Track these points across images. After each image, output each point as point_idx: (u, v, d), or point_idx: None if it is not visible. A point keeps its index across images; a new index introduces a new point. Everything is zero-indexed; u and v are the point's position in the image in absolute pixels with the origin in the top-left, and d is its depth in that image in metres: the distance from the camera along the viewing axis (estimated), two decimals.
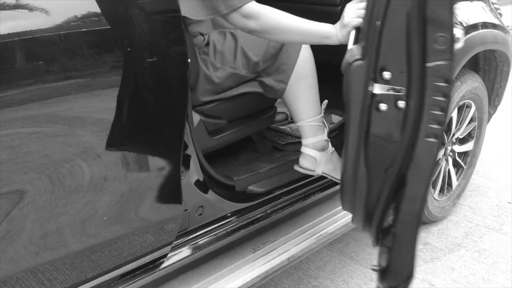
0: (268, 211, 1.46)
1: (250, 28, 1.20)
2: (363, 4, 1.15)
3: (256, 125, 1.58)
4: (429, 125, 0.96)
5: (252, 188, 1.45)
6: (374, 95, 0.99)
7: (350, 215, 1.23)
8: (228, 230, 1.36)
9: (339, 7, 1.60)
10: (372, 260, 1.86)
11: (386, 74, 0.97)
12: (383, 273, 1.13)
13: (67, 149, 0.91)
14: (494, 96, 2.14)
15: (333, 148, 1.50)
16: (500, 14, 1.99)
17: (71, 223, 0.96)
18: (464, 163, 2.12)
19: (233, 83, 1.42)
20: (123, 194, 1.02)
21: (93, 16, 0.91)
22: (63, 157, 0.91)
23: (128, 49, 0.95)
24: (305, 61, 1.40)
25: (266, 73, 1.43)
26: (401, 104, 0.97)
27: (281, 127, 1.82)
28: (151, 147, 1.05)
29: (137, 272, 1.14)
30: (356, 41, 1.15)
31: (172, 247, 1.20)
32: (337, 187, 1.54)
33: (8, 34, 0.80)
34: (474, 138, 2.10)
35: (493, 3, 1.96)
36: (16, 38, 0.81)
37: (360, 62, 1.00)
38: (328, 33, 1.20)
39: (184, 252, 1.26)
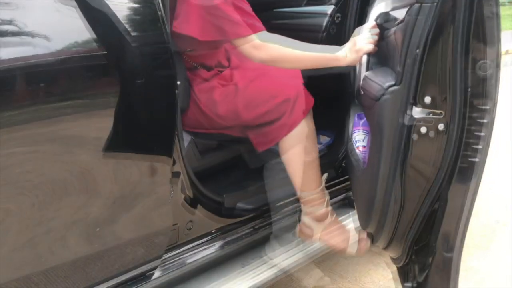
0: (257, 227, 1.50)
1: (260, 59, 1.24)
2: (376, 30, 1.21)
3: (246, 144, 1.62)
4: (472, 146, 0.99)
5: (241, 204, 1.50)
6: (413, 118, 1.02)
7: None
8: (217, 245, 1.40)
9: (324, 33, 1.69)
10: (361, 277, 1.89)
11: (427, 99, 1.00)
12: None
13: (63, 167, 0.96)
14: None
15: (333, 217, 1.49)
16: None
17: (65, 236, 1.00)
18: None
19: (215, 127, 1.44)
20: (114, 208, 1.06)
21: (88, 43, 0.98)
22: (57, 174, 0.96)
23: (121, 71, 1.01)
24: (300, 139, 1.36)
25: (250, 129, 1.42)
26: (441, 127, 1.00)
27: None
28: (142, 164, 1.09)
29: (128, 283, 1.17)
30: (368, 66, 1.20)
31: (162, 261, 1.23)
32: None
33: (8, 59, 0.86)
34: None
35: None
36: (17, 63, 0.87)
37: (395, 87, 1.03)
38: (336, 58, 1.25)
39: (173, 266, 1.29)
